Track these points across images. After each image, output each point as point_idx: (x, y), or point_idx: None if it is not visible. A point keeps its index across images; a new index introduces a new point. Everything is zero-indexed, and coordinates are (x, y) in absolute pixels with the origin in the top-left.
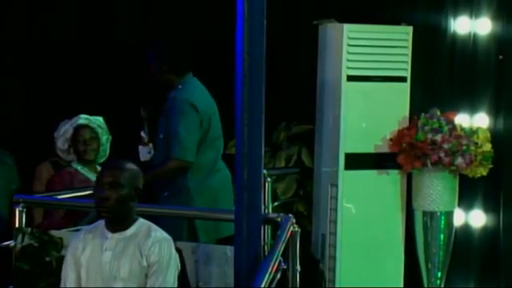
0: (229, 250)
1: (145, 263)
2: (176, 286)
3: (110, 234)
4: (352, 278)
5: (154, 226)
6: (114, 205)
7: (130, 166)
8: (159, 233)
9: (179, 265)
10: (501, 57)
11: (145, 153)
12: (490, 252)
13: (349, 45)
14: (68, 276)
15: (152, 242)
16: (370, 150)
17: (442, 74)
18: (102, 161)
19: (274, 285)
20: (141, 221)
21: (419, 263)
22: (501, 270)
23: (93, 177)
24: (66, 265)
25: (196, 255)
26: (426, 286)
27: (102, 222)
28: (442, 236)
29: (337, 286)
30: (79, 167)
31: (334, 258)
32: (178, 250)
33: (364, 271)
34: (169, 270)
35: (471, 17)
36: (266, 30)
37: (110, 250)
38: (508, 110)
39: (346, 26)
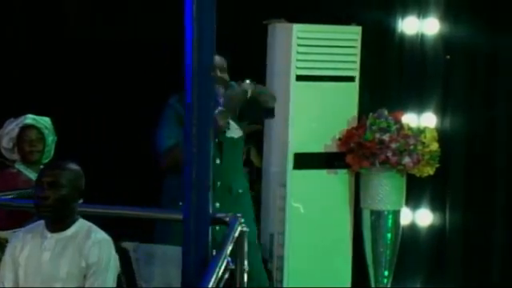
0: (170, 250)
1: (84, 264)
2: (115, 287)
3: (49, 234)
4: (300, 278)
5: (94, 227)
6: (54, 204)
7: (72, 166)
8: (99, 234)
9: (119, 266)
10: (448, 57)
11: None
12: (436, 251)
13: (298, 45)
14: (5, 276)
15: (92, 243)
16: (319, 149)
17: (390, 74)
18: (45, 161)
19: (221, 285)
20: (81, 221)
21: (367, 262)
22: (447, 268)
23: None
24: (4, 265)
25: (137, 254)
26: (373, 284)
27: (42, 222)
28: (389, 235)
29: (285, 285)
30: (22, 167)
31: (282, 257)
32: (124, 250)
33: (312, 270)
34: (108, 272)
35: (419, 17)
36: (215, 30)
37: (49, 250)
38: (455, 110)
39: (295, 26)
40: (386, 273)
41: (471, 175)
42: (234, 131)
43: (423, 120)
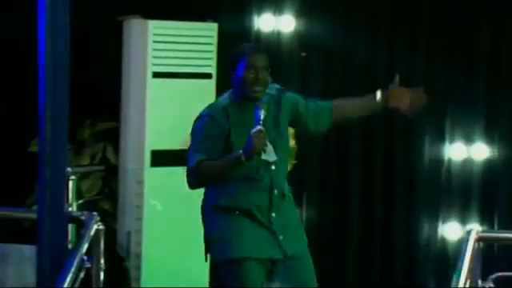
0: (26, 249)
1: None
2: None
3: None
4: (157, 276)
5: None
6: None
7: None
8: None
9: None
10: (303, 54)
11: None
12: None
13: (154, 41)
14: None
15: None
16: (176, 146)
17: None
18: None
19: (77, 284)
20: None
21: None
22: None
23: None
24: None
25: None
26: None
27: None
28: None
29: (142, 283)
30: None
31: (139, 255)
32: None
33: (169, 268)
34: None
35: (275, 14)
36: (69, 27)
37: None
38: None
39: (151, 23)
40: None
41: (326, 171)
42: (271, 154)
43: None
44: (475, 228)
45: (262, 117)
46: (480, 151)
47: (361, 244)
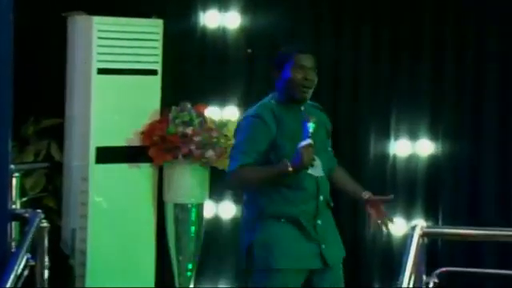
0: None
1: None
2: None
3: None
4: (103, 273)
5: None
6: None
7: None
8: None
9: None
10: (249, 50)
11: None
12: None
13: (98, 37)
14: None
15: None
16: (122, 143)
17: (193, 68)
18: None
19: (20, 283)
20: None
21: (170, 256)
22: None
23: None
24: None
25: None
26: (176, 278)
27: None
28: (193, 228)
29: (87, 281)
30: None
31: (84, 252)
32: None
33: (115, 265)
34: None
35: (220, 10)
36: (13, 23)
37: None
38: (257, 103)
39: (95, 19)
40: (190, 266)
41: None
42: (317, 169)
43: (226, 113)
44: (420, 224)
45: (311, 129)
46: (424, 147)
47: None
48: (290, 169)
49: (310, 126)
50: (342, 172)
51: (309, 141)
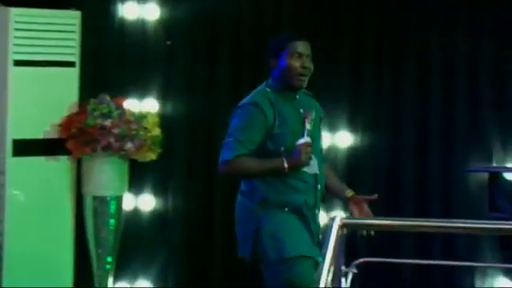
0: None
1: None
2: None
3: None
4: (21, 266)
5: None
6: None
7: None
8: None
9: None
10: (168, 42)
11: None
12: (159, 235)
13: (15, 29)
14: None
15: None
16: (39, 135)
17: (111, 59)
18: None
19: None
20: None
21: (89, 248)
22: (170, 252)
23: None
24: None
25: None
26: (95, 270)
27: None
28: (112, 221)
29: (4, 274)
30: None
31: (1, 246)
32: None
33: (34, 259)
34: None
35: (139, 2)
36: None
37: None
38: (176, 95)
39: (12, 10)
40: (110, 259)
41: (192, 160)
42: (313, 167)
43: (145, 105)
44: (339, 215)
45: (308, 127)
46: (344, 139)
47: (226, 232)
48: (286, 166)
49: (309, 124)
50: (328, 169)
51: (307, 139)
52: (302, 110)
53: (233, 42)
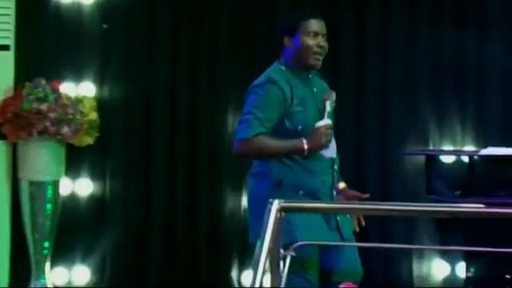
0: None
1: None
2: None
3: None
4: None
5: None
6: None
7: None
8: None
9: None
10: (105, 26)
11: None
12: (97, 220)
13: None
14: None
15: None
16: None
17: (47, 43)
18: None
19: None
20: None
21: (26, 233)
22: (108, 236)
23: None
24: None
25: None
26: (32, 255)
27: None
28: (49, 206)
29: None
30: None
31: None
32: None
33: None
34: None
35: None
36: None
37: None
38: (113, 79)
39: None
40: (47, 244)
41: (130, 144)
42: (331, 150)
43: (81, 89)
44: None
45: (329, 108)
46: None
47: (165, 216)
48: (306, 147)
49: (330, 106)
50: None
51: (328, 121)
52: (315, 89)
53: (170, 25)
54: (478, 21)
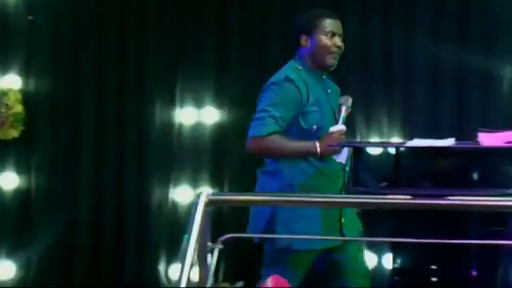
0: None
1: None
2: None
3: None
4: None
5: None
6: None
7: None
8: None
9: None
10: (30, 17)
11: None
12: (22, 214)
13: None
14: None
15: None
16: None
17: None
18: None
19: None
20: None
21: None
22: (34, 229)
23: None
24: None
25: None
26: None
27: None
28: None
29: None
30: None
31: None
32: None
33: None
34: None
35: None
36: None
37: None
38: (39, 71)
39: None
40: None
41: (56, 137)
42: (343, 155)
43: (6, 81)
44: (205, 191)
45: (344, 114)
46: (210, 115)
47: (92, 207)
48: (319, 151)
49: (345, 111)
50: None
51: (342, 127)
52: (329, 91)
53: (97, 16)
54: (404, 12)
